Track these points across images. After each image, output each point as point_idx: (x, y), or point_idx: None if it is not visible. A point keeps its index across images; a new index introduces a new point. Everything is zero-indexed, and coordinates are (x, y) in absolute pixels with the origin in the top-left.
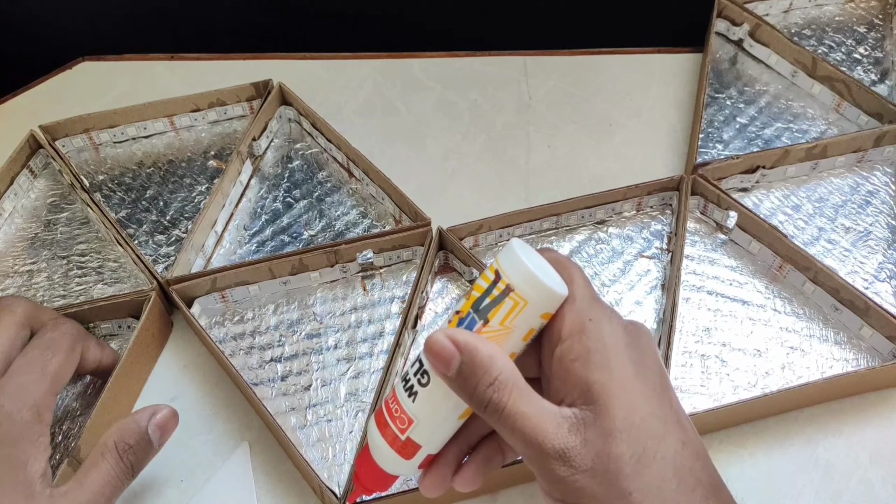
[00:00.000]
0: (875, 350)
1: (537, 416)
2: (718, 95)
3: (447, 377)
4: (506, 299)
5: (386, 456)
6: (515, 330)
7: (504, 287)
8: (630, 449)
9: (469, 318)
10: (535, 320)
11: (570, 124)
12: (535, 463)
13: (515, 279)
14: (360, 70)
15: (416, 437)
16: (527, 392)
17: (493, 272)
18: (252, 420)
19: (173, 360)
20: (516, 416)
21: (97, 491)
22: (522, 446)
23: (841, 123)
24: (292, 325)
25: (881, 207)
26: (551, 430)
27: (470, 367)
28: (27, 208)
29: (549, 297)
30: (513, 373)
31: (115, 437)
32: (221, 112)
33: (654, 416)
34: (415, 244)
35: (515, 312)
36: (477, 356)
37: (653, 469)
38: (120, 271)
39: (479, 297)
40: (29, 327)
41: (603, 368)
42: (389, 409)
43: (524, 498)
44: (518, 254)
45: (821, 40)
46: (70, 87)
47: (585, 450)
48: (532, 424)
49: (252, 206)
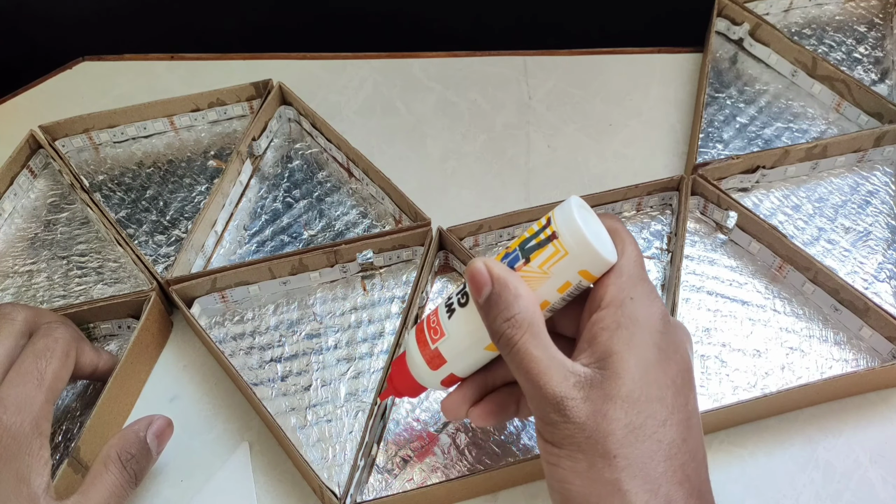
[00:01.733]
0: (875, 350)
1: (545, 361)
2: (718, 95)
3: (478, 302)
4: (549, 245)
5: (416, 362)
6: (551, 277)
7: (550, 233)
8: (626, 418)
9: (514, 254)
10: (572, 274)
11: (570, 124)
12: (533, 402)
13: (562, 228)
14: (360, 70)
15: (443, 350)
16: (541, 337)
17: (546, 219)
18: (252, 420)
19: (173, 360)
20: (524, 356)
21: (102, 501)
22: (525, 384)
23: (841, 123)
24: (292, 325)
25: (881, 207)
26: (556, 378)
27: (496, 299)
28: (27, 208)
29: (590, 255)
30: (533, 315)
31: (116, 448)
32: (221, 112)
33: (661, 402)
34: (415, 244)
35: (555, 259)
36: (505, 291)
37: (644, 445)
38: (120, 271)
39: (528, 239)
40: (28, 335)
41: (626, 343)
42: (429, 320)
43: (524, 498)
44: (572, 208)
45: (821, 40)
46: (70, 87)
47: (584, 405)
48: (538, 367)
49: (252, 206)
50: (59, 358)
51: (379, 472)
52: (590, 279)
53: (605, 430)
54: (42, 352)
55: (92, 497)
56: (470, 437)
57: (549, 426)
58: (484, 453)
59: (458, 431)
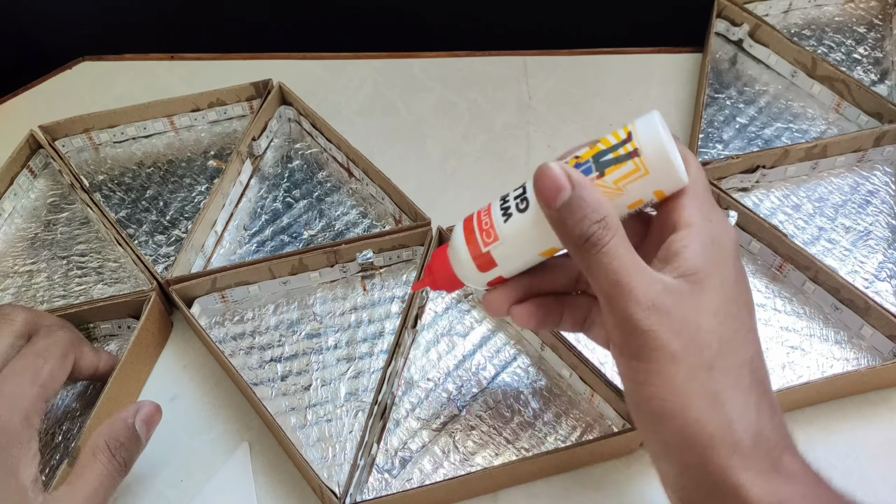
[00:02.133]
0: (875, 349)
1: (635, 264)
2: (718, 95)
3: (551, 208)
4: (629, 161)
5: (462, 262)
6: (626, 195)
7: (632, 150)
8: (719, 331)
9: (587, 165)
10: (647, 193)
11: (570, 124)
12: (618, 305)
13: (646, 146)
14: (360, 70)
15: (496, 254)
16: (628, 243)
17: (626, 132)
18: (252, 420)
19: (173, 360)
20: (614, 256)
21: (92, 492)
22: (611, 286)
23: (841, 123)
24: (292, 325)
25: (881, 207)
26: (646, 282)
27: (578, 201)
28: (27, 208)
29: (671, 177)
30: (619, 223)
31: (105, 437)
32: (221, 112)
33: (741, 319)
34: (415, 244)
35: (633, 178)
36: (588, 195)
37: (735, 358)
38: (120, 271)
39: (604, 151)
40: (27, 336)
41: (712, 262)
42: (480, 220)
43: (524, 498)
44: (657, 125)
45: (820, 40)
46: (70, 87)
47: (676, 311)
48: (628, 269)
49: (252, 206)
50: (56, 358)
51: (379, 472)
52: (660, 196)
53: (701, 341)
54: (41, 351)
55: (81, 487)
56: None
57: (635, 337)
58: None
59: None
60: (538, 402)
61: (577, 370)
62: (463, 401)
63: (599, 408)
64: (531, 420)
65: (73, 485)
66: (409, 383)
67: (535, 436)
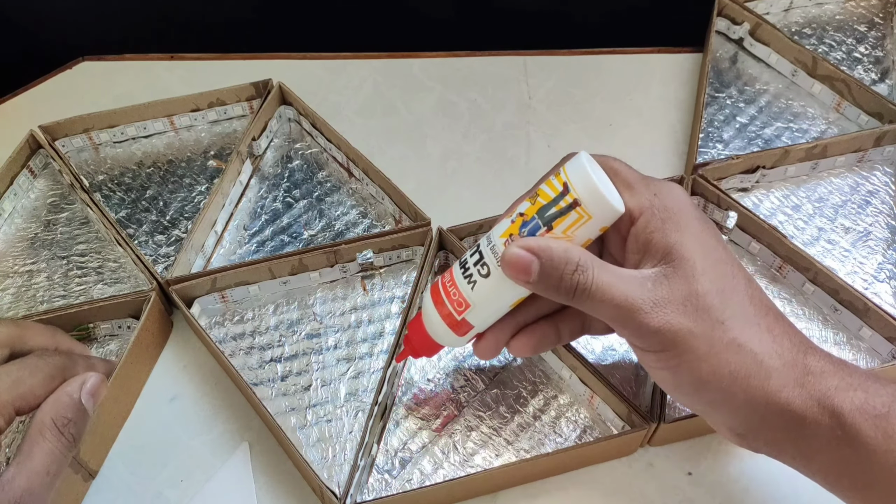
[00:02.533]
0: (874, 351)
1: (622, 282)
2: (718, 95)
3: (529, 283)
4: (571, 212)
5: (438, 330)
6: (575, 239)
7: (571, 201)
8: (713, 286)
9: (534, 222)
10: (594, 232)
11: (570, 124)
12: (628, 322)
13: (584, 195)
14: (360, 70)
15: (470, 318)
16: (606, 266)
17: (562, 184)
18: (252, 420)
19: (173, 360)
20: (604, 288)
21: (42, 470)
22: (613, 311)
23: (841, 123)
24: (292, 325)
25: (881, 207)
26: (638, 289)
27: (549, 266)
28: (27, 208)
29: (612, 215)
30: (589, 255)
31: (51, 414)
32: (221, 112)
33: (723, 261)
34: (415, 244)
35: (578, 225)
36: (553, 254)
37: (734, 299)
38: (120, 271)
39: (546, 206)
40: (9, 348)
41: (678, 229)
42: (446, 289)
43: (524, 498)
44: (587, 170)
45: (821, 39)
46: (70, 87)
47: (674, 296)
48: (620, 290)
49: (252, 206)
50: (42, 377)
51: (379, 472)
52: (604, 231)
53: (704, 306)
54: (29, 365)
55: (30, 467)
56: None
57: (652, 337)
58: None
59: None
60: (538, 403)
61: (576, 371)
62: (463, 401)
63: (599, 409)
64: (531, 420)
65: (22, 465)
66: (409, 383)
67: (535, 436)
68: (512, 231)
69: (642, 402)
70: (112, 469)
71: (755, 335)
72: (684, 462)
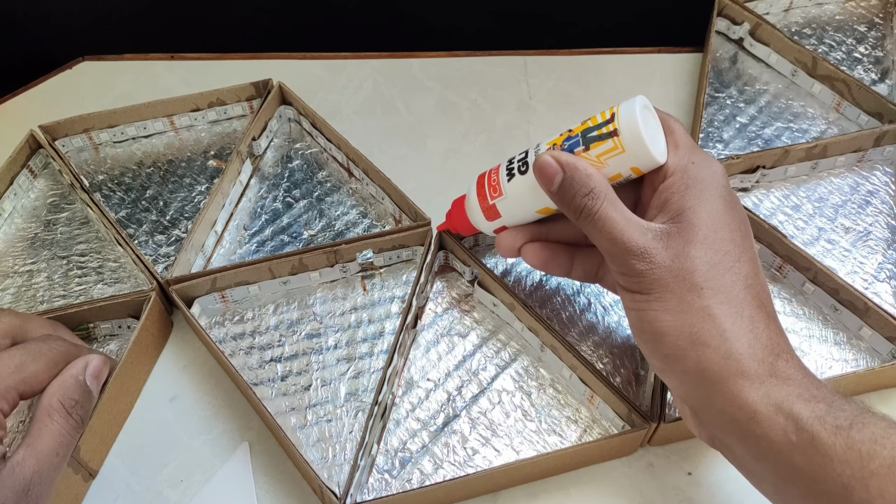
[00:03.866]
0: (874, 350)
1: (625, 221)
2: (718, 95)
3: (550, 192)
4: (609, 140)
5: (473, 209)
6: (606, 167)
7: (612, 129)
8: (706, 255)
9: (576, 139)
10: (625, 169)
11: (570, 124)
12: (617, 258)
13: (624, 129)
14: (360, 70)
15: (500, 207)
16: (617, 203)
17: (611, 113)
18: (252, 420)
19: (173, 360)
20: (606, 220)
21: (51, 452)
22: (609, 244)
23: (841, 123)
24: (292, 325)
25: (881, 207)
26: (637, 233)
27: (570, 181)
28: (27, 208)
29: (644, 156)
30: (606, 187)
31: (58, 396)
32: (221, 112)
33: (732, 242)
34: (415, 244)
35: (612, 154)
36: (576, 172)
37: (726, 277)
38: (120, 271)
39: (591, 128)
40: (11, 338)
41: (696, 198)
42: (490, 177)
43: (524, 498)
44: (636, 110)
45: (821, 39)
46: (70, 87)
47: (666, 252)
48: (620, 227)
49: (252, 205)
50: (45, 362)
51: (379, 472)
52: (637, 173)
53: (689, 267)
54: (32, 350)
55: (39, 449)
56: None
57: (635, 278)
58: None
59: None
60: (538, 402)
61: (577, 371)
62: (463, 401)
63: (599, 408)
64: (531, 420)
65: (31, 447)
66: (409, 383)
67: (535, 436)
68: (557, 142)
69: (642, 402)
70: (112, 469)
71: (731, 314)
72: (684, 462)
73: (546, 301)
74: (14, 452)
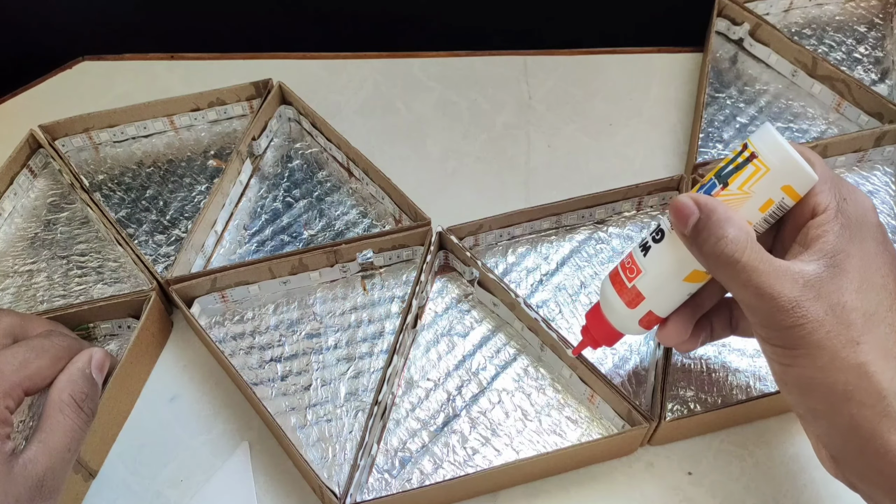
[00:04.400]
0: None
1: (773, 271)
2: (718, 95)
3: (684, 234)
4: (748, 165)
5: (613, 305)
6: (753, 196)
7: (748, 154)
8: (862, 306)
9: (709, 183)
10: (774, 190)
11: (570, 124)
12: (761, 313)
13: (761, 147)
14: (360, 70)
15: (641, 286)
16: (761, 250)
17: (742, 146)
18: (252, 420)
19: (173, 360)
20: (751, 270)
21: (64, 447)
22: (754, 298)
23: (841, 123)
24: (292, 324)
25: (881, 207)
26: (787, 285)
27: (705, 223)
28: (27, 208)
29: (793, 169)
30: (748, 232)
31: (69, 391)
32: (221, 111)
33: (885, 289)
34: (415, 244)
35: (756, 178)
36: (714, 214)
37: (881, 328)
38: (120, 271)
39: (723, 167)
40: (12, 337)
41: (850, 240)
42: (623, 264)
43: (524, 498)
44: (770, 129)
45: (821, 40)
46: (70, 87)
47: (818, 303)
48: (768, 278)
49: (252, 205)
50: (49, 358)
51: (379, 472)
52: (793, 196)
53: (845, 320)
54: (35, 347)
55: (51, 444)
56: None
57: (781, 332)
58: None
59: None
60: (538, 402)
61: (577, 370)
62: (463, 401)
63: (599, 408)
64: (531, 420)
65: (43, 443)
66: (409, 383)
67: (535, 436)
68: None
69: (642, 401)
70: (112, 469)
71: (889, 370)
72: (684, 462)
73: (546, 301)
74: (26, 448)
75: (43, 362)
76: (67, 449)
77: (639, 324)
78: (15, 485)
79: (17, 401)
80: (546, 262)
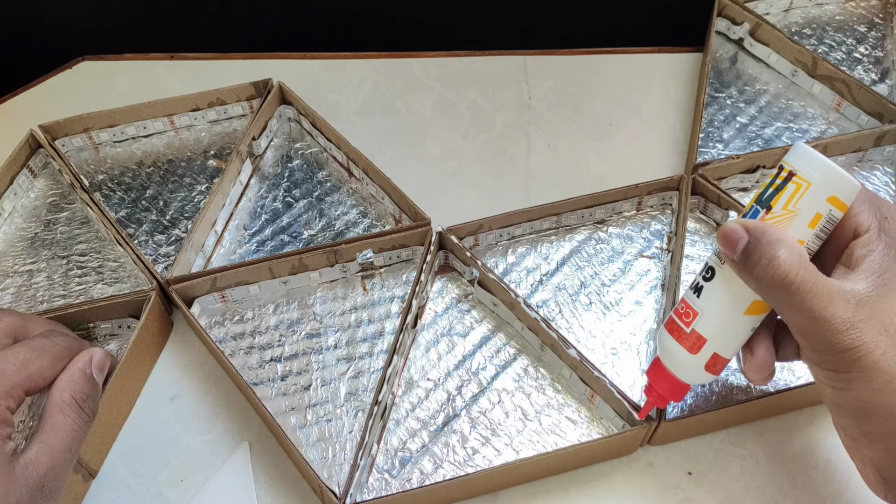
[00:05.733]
0: None
1: (826, 291)
2: (718, 95)
3: (733, 260)
4: (788, 184)
5: (674, 355)
6: (800, 213)
7: (786, 175)
8: None
9: (752, 210)
10: (820, 203)
11: (570, 124)
12: (815, 336)
13: (797, 164)
14: (360, 70)
15: (700, 328)
16: (814, 270)
17: (777, 168)
18: (252, 420)
19: (173, 360)
20: (804, 292)
21: (65, 448)
22: (808, 321)
23: (841, 123)
24: (292, 324)
25: None
26: (840, 304)
27: (755, 246)
28: (27, 208)
29: (835, 179)
30: (799, 252)
31: (69, 391)
32: (221, 111)
33: None
34: (415, 244)
35: (798, 195)
36: (764, 237)
37: None
38: (120, 271)
39: (763, 192)
40: (12, 337)
41: None
42: (678, 311)
43: (524, 498)
44: (804, 146)
45: (821, 39)
46: (70, 87)
47: (872, 322)
48: (821, 300)
49: (252, 205)
50: (49, 358)
51: (379, 472)
52: (840, 207)
53: None
54: (36, 347)
55: (53, 445)
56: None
57: (836, 355)
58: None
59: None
60: (538, 402)
61: (577, 370)
62: (463, 401)
63: (599, 408)
64: (531, 420)
65: (44, 443)
66: (409, 383)
67: (535, 436)
68: None
69: (642, 401)
70: (112, 469)
71: None
72: (684, 462)
73: (546, 301)
74: (27, 449)
75: (44, 362)
76: (68, 449)
77: (704, 369)
78: (16, 485)
79: (17, 401)
80: (546, 261)
